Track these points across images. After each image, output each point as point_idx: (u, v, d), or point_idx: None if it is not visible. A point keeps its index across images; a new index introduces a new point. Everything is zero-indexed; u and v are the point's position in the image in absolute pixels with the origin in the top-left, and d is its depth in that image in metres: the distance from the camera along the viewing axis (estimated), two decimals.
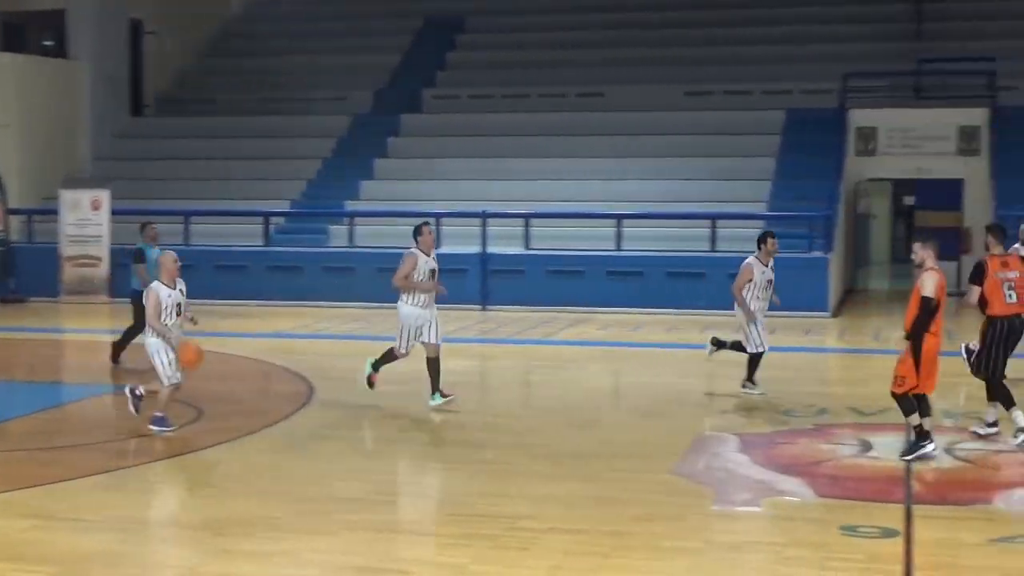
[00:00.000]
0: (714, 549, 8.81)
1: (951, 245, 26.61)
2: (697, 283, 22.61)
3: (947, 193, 26.85)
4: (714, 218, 23.66)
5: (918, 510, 9.57)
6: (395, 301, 13.86)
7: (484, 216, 24.02)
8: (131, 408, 12.58)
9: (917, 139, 26.62)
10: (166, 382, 12.44)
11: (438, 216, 22.87)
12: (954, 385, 14.15)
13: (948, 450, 11.61)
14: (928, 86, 26.86)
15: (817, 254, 23.14)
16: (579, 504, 9.82)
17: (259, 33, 33.69)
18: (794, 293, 17.38)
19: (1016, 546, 8.79)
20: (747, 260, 14.62)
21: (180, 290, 12.57)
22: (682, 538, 8.98)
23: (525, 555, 8.51)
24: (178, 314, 12.51)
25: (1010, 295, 11.90)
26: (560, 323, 21.77)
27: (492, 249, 23.98)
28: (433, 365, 13.75)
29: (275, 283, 24.55)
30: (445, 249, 20.68)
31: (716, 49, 29.48)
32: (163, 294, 12.40)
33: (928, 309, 10.84)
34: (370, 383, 14.05)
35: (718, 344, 15.16)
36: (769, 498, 10.04)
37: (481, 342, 19.96)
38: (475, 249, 23.94)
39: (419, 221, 14.35)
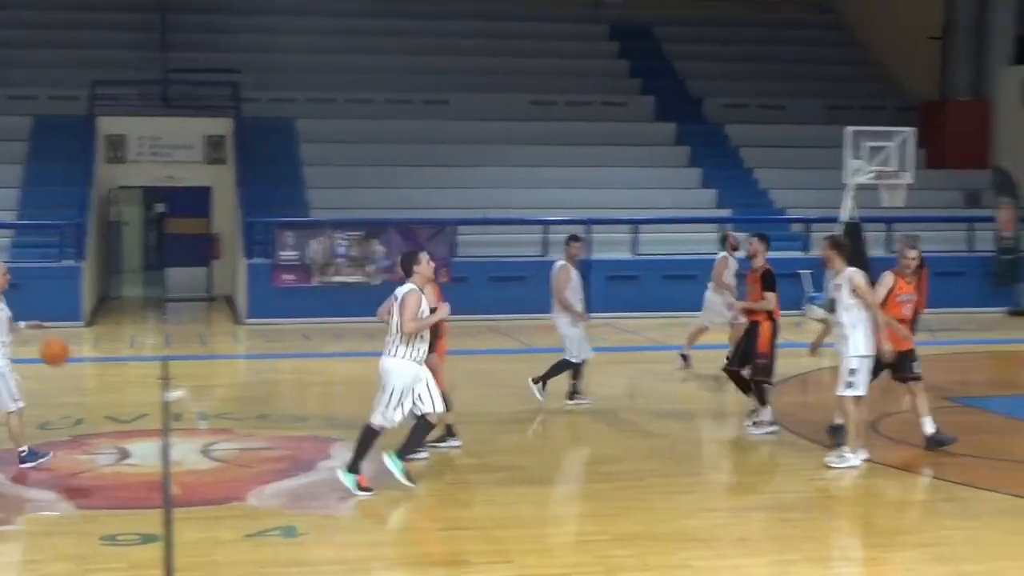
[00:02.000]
0: None
1: (202, 251, 27.40)
2: None
3: (196, 200, 27.53)
4: None
5: (178, 513, 9.80)
6: None
7: None
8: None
9: (166, 147, 27.11)
10: (12, 407, 11.03)
11: None
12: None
13: (204, 451, 12.04)
14: (176, 95, 27.39)
15: (69, 263, 22.86)
16: None
17: None
18: (47, 303, 17.14)
19: (267, 539, 9.34)
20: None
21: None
22: None
23: None
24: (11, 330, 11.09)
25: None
26: None
27: None
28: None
29: None
30: None
31: None
32: None
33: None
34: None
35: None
36: (27, 515, 9.91)
37: None
38: None
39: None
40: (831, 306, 12.47)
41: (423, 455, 11.76)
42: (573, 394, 14.90)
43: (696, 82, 30.99)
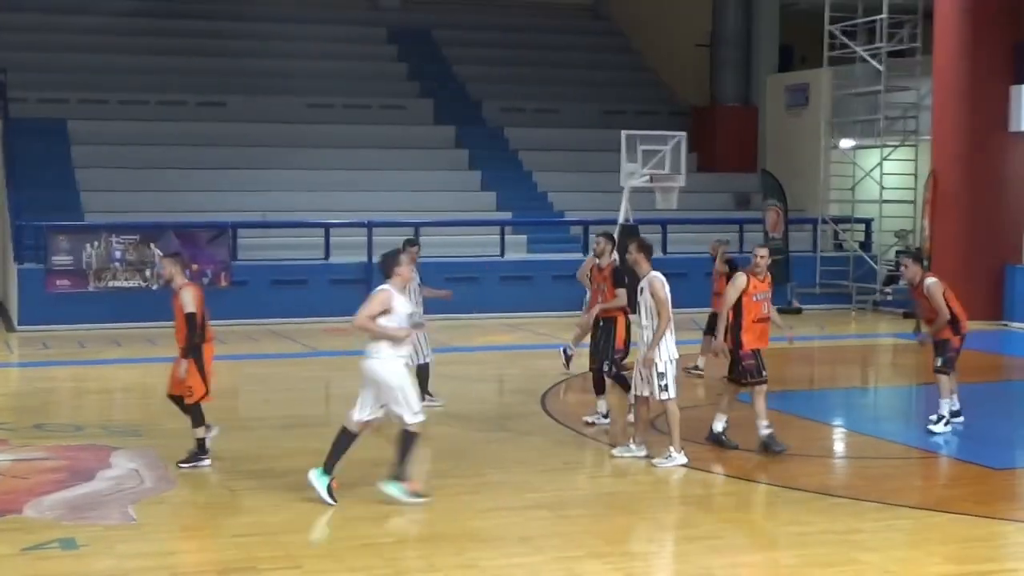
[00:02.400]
0: None
1: None
2: None
3: None
4: None
5: None
6: None
7: None
8: None
9: None
10: None
11: None
12: None
13: None
14: None
15: None
16: None
17: None
18: None
19: (46, 552, 9.11)
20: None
21: None
22: None
23: None
24: None
25: None
26: None
27: None
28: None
29: None
30: None
31: None
32: None
33: (194, 324, 11.56)
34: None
35: None
36: None
37: None
38: None
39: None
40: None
41: (206, 462, 11.66)
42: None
43: (475, 85, 31.27)
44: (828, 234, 27.85)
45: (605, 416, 13.83)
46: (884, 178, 26.70)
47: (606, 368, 13.63)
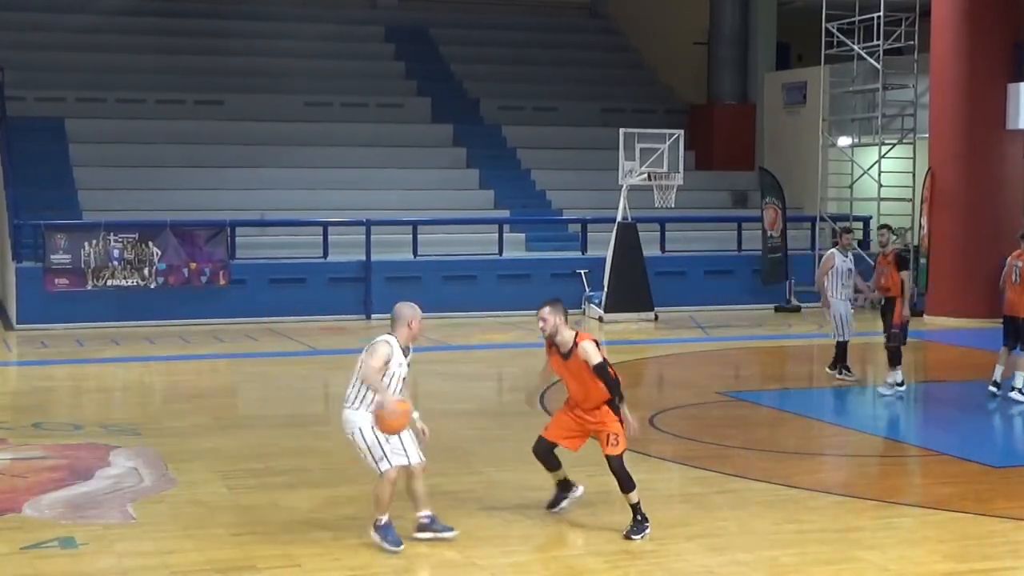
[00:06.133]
0: None
1: None
2: None
3: None
4: None
5: None
6: None
7: None
8: None
9: None
10: None
11: None
12: None
13: None
14: None
15: None
16: None
17: None
18: None
19: (45, 550, 9.12)
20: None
21: None
22: None
23: None
24: None
25: None
26: None
27: None
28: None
29: None
30: None
31: None
32: None
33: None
34: None
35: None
36: None
37: None
38: None
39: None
40: None
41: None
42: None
43: (473, 84, 31.27)
44: (826, 232, 27.85)
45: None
46: (882, 176, 26.71)
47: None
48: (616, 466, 9.61)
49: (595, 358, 9.56)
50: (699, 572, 8.88)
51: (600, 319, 23.20)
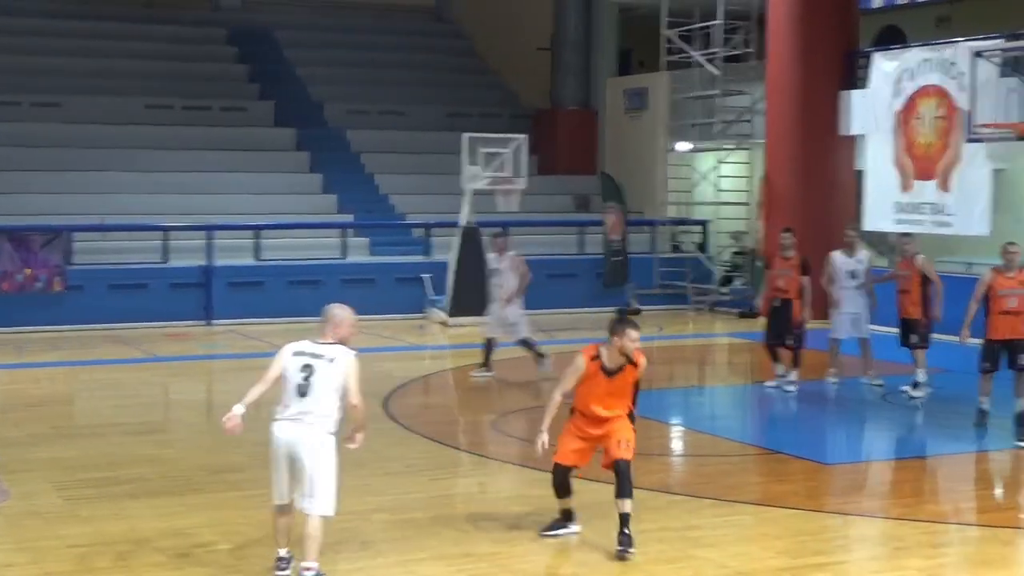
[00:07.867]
0: None
1: None
2: None
3: None
4: None
5: None
6: None
7: None
8: None
9: None
10: None
11: None
12: None
13: None
14: None
15: None
16: None
17: None
18: None
19: None
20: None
21: None
22: None
23: None
24: None
25: None
26: None
27: None
28: None
29: None
30: None
31: None
32: None
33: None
34: None
35: None
36: None
37: None
38: None
39: None
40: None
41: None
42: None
43: (317, 88, 31.09)
44: (666, 236, 28.34)
45: None
46: (720, 180, 27.24)
47: None
48: (624, 468, 9.66)
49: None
50: (543, 572, 9.01)
51: (444, 323, 23.29)
